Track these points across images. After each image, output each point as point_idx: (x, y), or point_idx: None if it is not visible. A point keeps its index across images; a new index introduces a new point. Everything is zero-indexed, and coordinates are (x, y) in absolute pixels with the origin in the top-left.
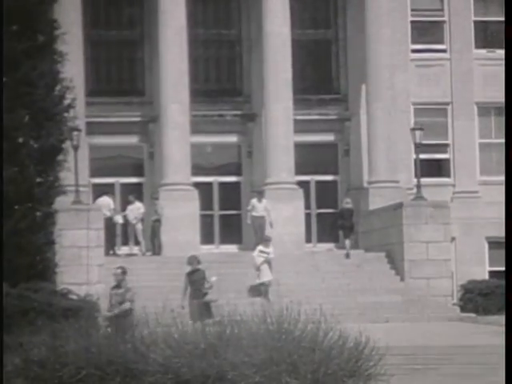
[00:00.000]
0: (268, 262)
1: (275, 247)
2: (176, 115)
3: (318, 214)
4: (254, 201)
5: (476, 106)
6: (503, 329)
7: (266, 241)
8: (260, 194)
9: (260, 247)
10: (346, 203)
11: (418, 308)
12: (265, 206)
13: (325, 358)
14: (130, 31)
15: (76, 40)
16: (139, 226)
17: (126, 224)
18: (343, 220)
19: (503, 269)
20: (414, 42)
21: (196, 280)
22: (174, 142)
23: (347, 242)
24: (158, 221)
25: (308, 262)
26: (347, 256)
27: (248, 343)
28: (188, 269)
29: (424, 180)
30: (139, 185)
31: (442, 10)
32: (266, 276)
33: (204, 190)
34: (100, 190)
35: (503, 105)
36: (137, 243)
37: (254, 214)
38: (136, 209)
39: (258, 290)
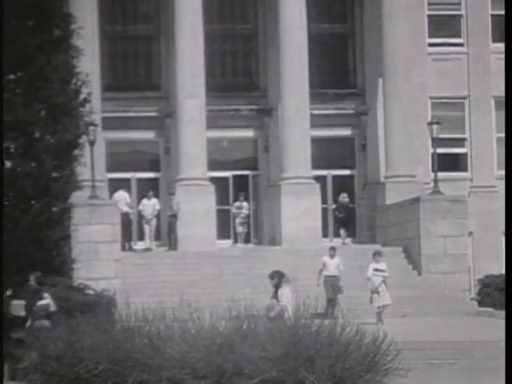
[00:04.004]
0: (384, 281)
1: (291, 243)
2: (192, 110)
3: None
4: (326, 258)
5: (493, 100)
6: None
7: (377, 255)
8: (332, 250)
9: (373, 264)
10: (342, 198)
11: (435, 303)
12: (337, 263)
13: (342, 353)
14: (146, 26)
15: (92, 35)
16: (153, 222)
17: (141, 219)
18: (339, 213)
19: None
20: (431, 35)
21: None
22: (190, 137)
23: (342, 232)
24: (175, 216)
25: None
26: (343, 243)
27: (265, 338)
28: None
29: (441, 174)
30: (155, 180)
31: (459, 3)
32: (386, 299)
33: (220, 184)
34: (116, 185)
35: None
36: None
37: (326, 273)
38: (152, 205)
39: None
